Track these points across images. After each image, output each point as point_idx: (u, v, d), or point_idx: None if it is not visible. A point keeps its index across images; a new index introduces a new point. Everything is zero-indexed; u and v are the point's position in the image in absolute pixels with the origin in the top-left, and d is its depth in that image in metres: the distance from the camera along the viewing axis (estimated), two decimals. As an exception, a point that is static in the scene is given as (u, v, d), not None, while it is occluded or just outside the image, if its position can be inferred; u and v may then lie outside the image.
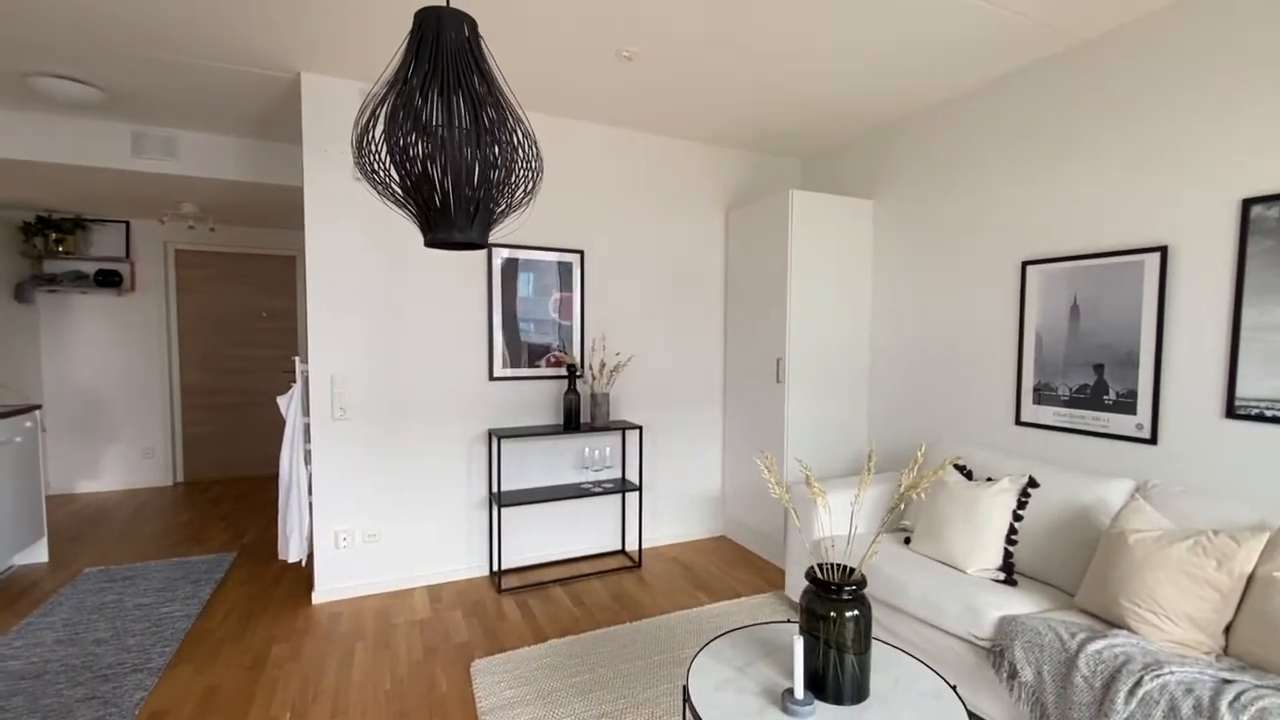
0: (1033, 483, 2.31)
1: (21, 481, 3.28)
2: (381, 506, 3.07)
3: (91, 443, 5.06)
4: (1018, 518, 2.28)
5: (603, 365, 3.41)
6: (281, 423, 5.69)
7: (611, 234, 3.55)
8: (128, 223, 5.04)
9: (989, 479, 2.46)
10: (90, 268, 4.91)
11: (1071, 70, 2.54)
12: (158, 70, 2.79)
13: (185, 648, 2.51)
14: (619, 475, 3.63)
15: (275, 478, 5.51)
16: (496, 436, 3.11)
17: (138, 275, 5.10)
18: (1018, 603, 2.03)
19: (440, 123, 1.09)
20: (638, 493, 3.52)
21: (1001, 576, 2.20)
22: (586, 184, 3.46)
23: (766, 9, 2.26)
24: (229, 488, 5.23)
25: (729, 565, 3.49)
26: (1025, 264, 2.72)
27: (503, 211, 1.24)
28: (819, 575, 1.47)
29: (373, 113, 1.15)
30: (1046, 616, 1.88)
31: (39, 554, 3.46)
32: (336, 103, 2.87)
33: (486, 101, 1.14)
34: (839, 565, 1.52)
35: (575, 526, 3.55)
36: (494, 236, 3.23)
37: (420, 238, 3.06)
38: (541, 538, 3.46)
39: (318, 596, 2.95)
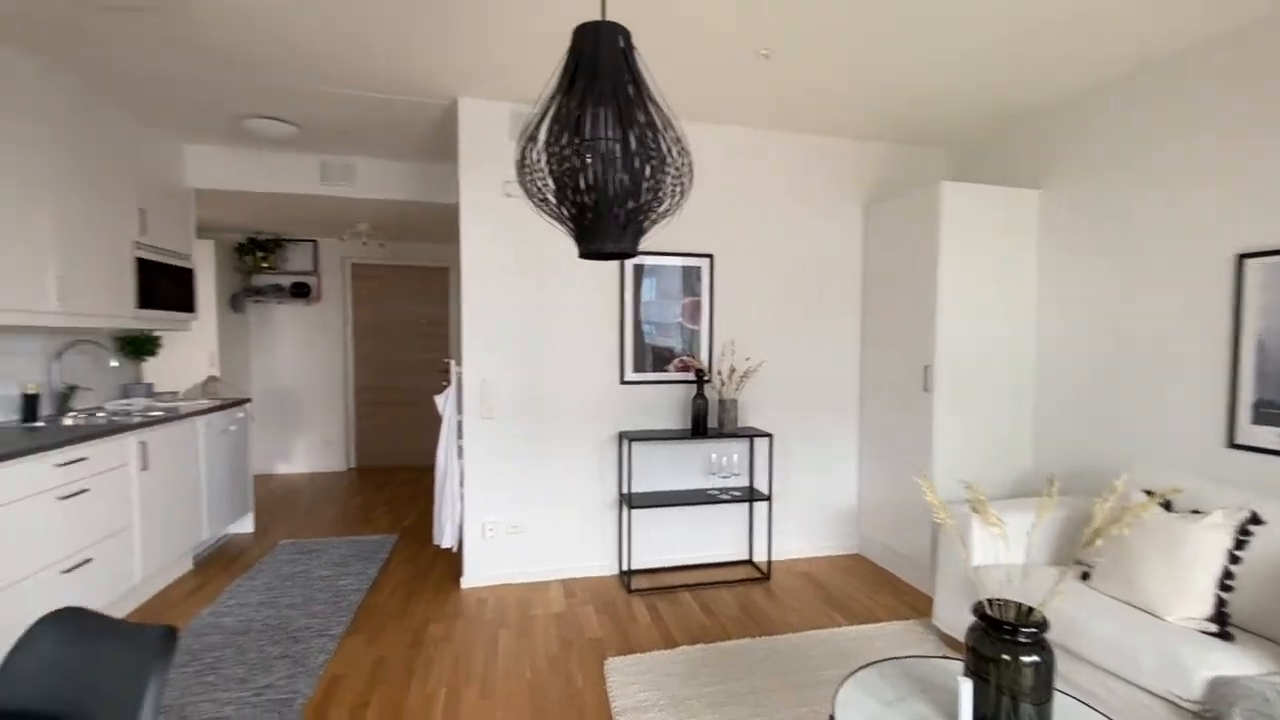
0: (1255, 519, 1.93)
1: (236, 463, 3.88)
2: (524, 501, 3.25)
3: (286, 431, 5.88)
4: (1235, 559, 1.91)
5: (732, 371, 3.36)
6: (438, 419, 6.26)
7: (742, 237, 3.49)
8: (315, 241, 5.82)
9: (1194, 511, 2.08)
10: (286, 281, 5.72)
11: (1316, 20, 2.09)
12: (340, 105, 3.18)
13: (358, 619, 2.82)
14: (747, 483, 3.55)
15: (432, 469, 6.07)
16: (627, 439, 3.17)
17: (323, 287, 5.86)
18: (1235, 661, 1.70)
19: (598, 136, 1.12)
20: (767, 503, 3.42)
21: (1213, 628, 1.86)
22: (716, 187, 3.43)
23: (920, -10, 2.10)
24: (392, 475, 5.84)
25: (866, 586, 3.28)
26: (1242, 257, 2.28)
27: (653, 220, 1.26)
28: (990, 612, 1.32)
29: (534, 130, 1.21)
30: (1275, 682, 1.55)
31: (247, 525, 4.08)
32: (490, 124, 3.09)
33: (640, 112, 1.16)
34: (1013, 602, 1.36)
35: (702, 532, 3.52)
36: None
37: (561, 247, 3.20)
38: (668, 541, 3.47)
39: (466, 582, 3.19)
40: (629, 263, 3.31)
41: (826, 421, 3.68)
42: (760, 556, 3.59)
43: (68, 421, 2.94)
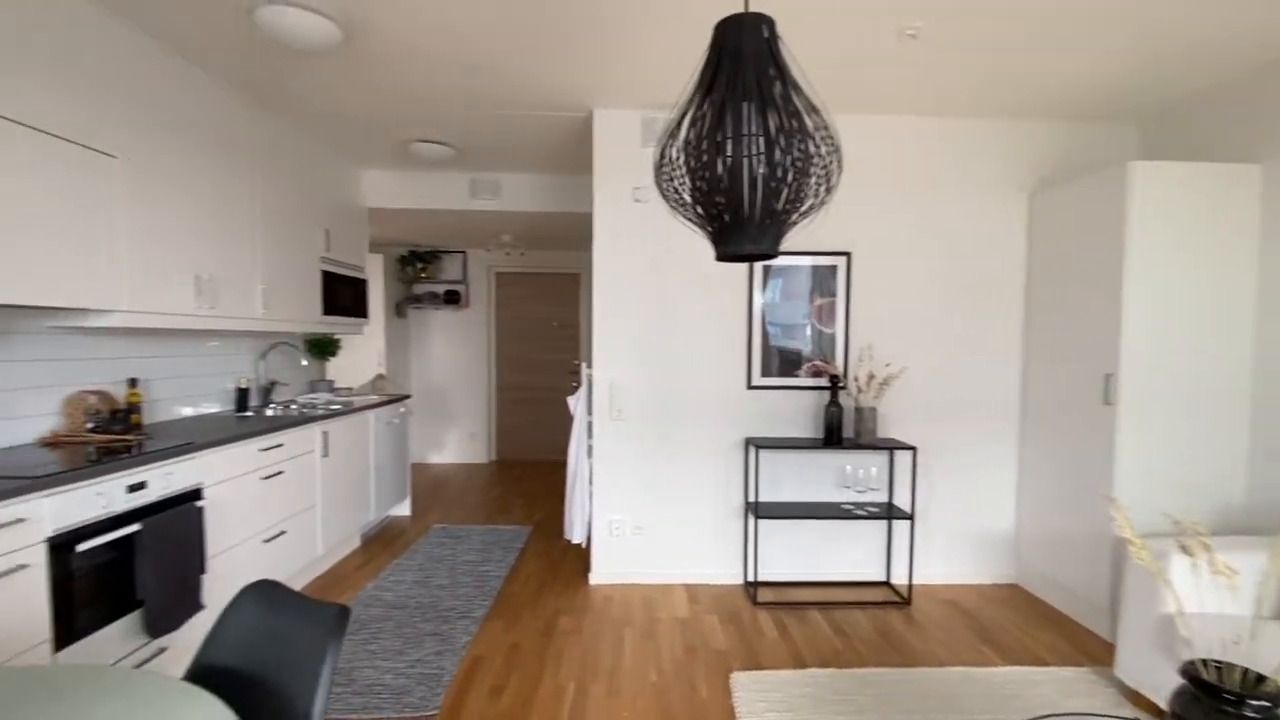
0: None
1: (397, 453, 4.33)
2: (649, 503, 3.29)
3: (438, 424, 6.47)
4: None
5: (870, 377, 3.14)
6: (569, 418, 6.56)
7: (883, 233, 3.26)
8: (465, 252, 6.34)
9: None
10: (441, 289, 6.29)
11: None
12: (489, 126, 3.42)
13: (497, 604, 3.02)
14: (885, 499, 3.30)
15: (564, 465, 6.37)
16: (754, 446, 3.09)
17: (470, 294, 6.38)
18: None
19: (739, 133, 1.09)
20: (909, 522, 3.16)
21: None
22: (855, 180, 3.22)
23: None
24: (528, 469, 6.20)
25: (1025, 622, 2.91)
26: None
27: (797, 219, 1.19)
28: (1206, 676, 1.09)
29: (672, 130, 1.19)
30: None
31: (404, 509, 4.54)
32: (621, 132, 3.17)
33: (785, 106, 1.10)
34: (1237, 666, 1.11)
35: (833, 548, 3.33)
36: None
37: (689, 251, 3.20)
38: (797, 555, 3.33)
39: (594, 578, 3.29)
40: (759, 264, 3.23)
41: (979, 435, 3.32)
42: (899, 579, 3.32)
43: (269, 412, 3.45)
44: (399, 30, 2.39)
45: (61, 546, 1.77)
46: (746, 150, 1.10)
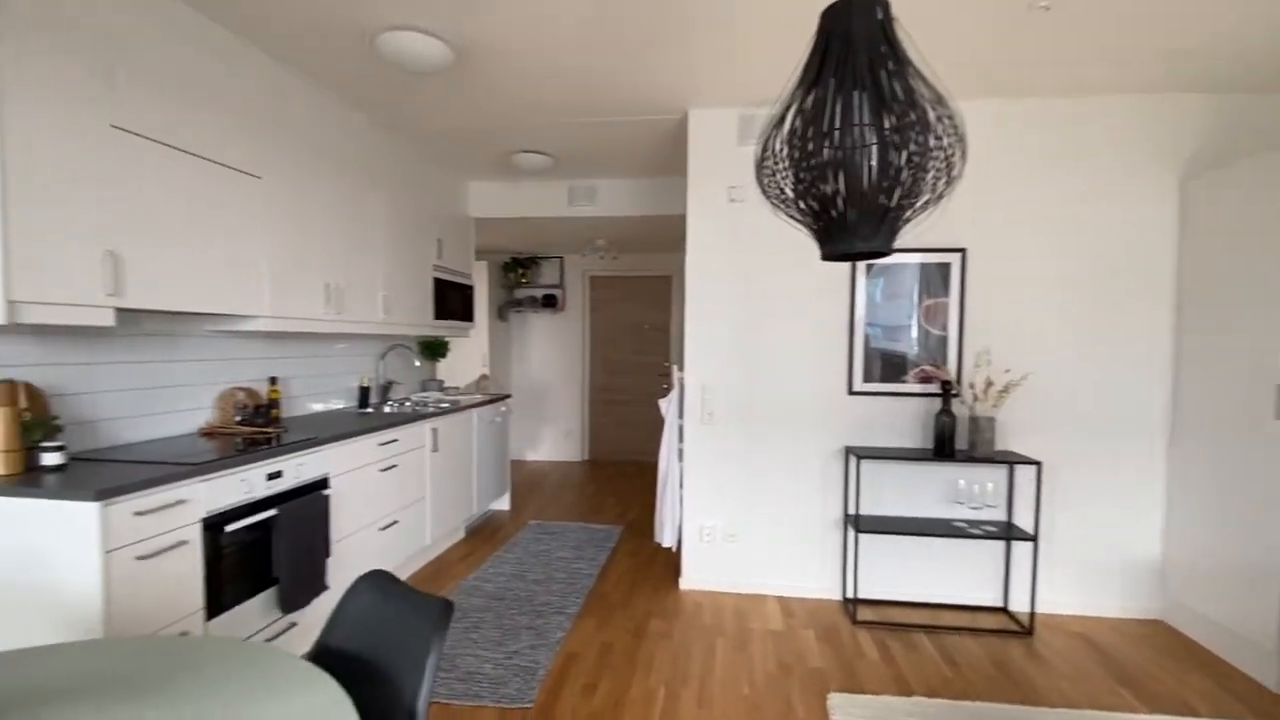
0: None
1: (498, 450, 4.54)
2: (741, 509, 3.22)
3: (535, 422, 6.72)
4: None
5: (988, 384, 2.89)
6: (660, 420, 6.59)
7: (1004, 226, 2.99)
8: (561, 258, 6.55)
9: None
10: (539, 293, 6.53)
11: None
12: (587, 134, 3.51)
13: (589, 602, 3.07)
14: (1004, 518, 3.03)
15: (654, 465, 6.41)
16: (855, 455, 2.93)
17: (566, 298, 6.57)
18: None
19: (849, 123, 1.02)
20: (1031, 544, 2.87)
21: None
22: (972, 170, 2.99)
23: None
24: (620, 469, 6.29)
25: (1172, 663, 2.55)
26: None
27: (913, 214, 1.10)
28: None
29: (775, 124, 1.14)
30: None
31: (504, 504, 4.74)
32: (717, 131, 3.13)
33: (899, 93, 1.02)
34: None
35: (942, 569, 3.10)
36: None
37: (785, 251, 3.10)
38: (900, 573, 3.13)
39: (684, 583, 3.27)
40: (861, 263, 3.07)
41: (1117, 450, 2.96)
42: (1019, 606, 3.03)
43: (387, 409, 3.72)
44: (503, 48, 2.50)
45: (213, 526, 2.00)
46: (857, 141, 1.03)
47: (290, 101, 2.72)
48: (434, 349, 4.60)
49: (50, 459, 1.88)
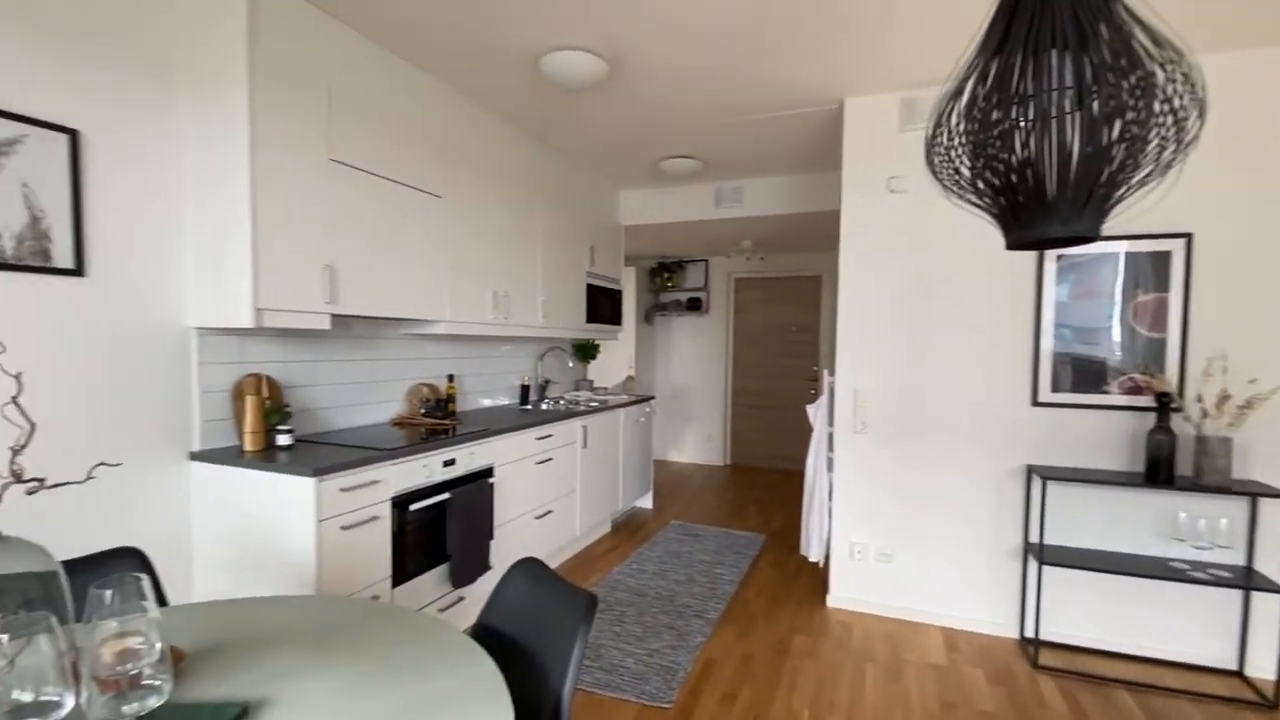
0: None
1: (642, 449, 4.66)
2: (897, 527, 2.98)
3: (678, 424, 6.80)
4: None
5: (1223, 397, 2.38)
6: (805, 428, 6.34)
7: (1242, 206, 2.45)
8: (707, 261, 6.56)
9: None
10: (684, 297, 6.61)
11: None
12: (734, 134, 3.47)
13: (730, 609, 3.03)
14: (1241, 562, 2.47)
15: (799, 474, 6.18)
16: (1040, 476, 2.57)
17: (711, 300, 6.57)
18: None
19: (1045, 89, 0.87)
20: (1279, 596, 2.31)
21: None
22: (1201, 139, 2.48)
23: None
24: (762, 475, 6.15)
25: None
26: None
27: (1131, 189, 0.92)
28: None
29: (952, 97, 1.01)
30: None
31: (647, 502, 4.85)
32: (876, 119, 2.94)
33: (1113, 48, 0.85)
34: None
35: (1152, 616, 2.61)
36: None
37: (954, 243, 2.82)
38: (1096, 615, 2.68)
39: (831, 601, 3.10)
40: (1051, 254, 2.69)
41: None
42: (1260, 673, 2.45)
43: (544, 406, 3.99)
44: (655, 57, 2.56)
45: (399, 505, 2.29)
46: (1057, 107, 0.87)
47: (464, 126, 3.03)
48: (585, 351, 4.85)
49: (283, 439, 2.27)
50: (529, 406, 3.93)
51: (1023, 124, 0.89)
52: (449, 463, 2.54)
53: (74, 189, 1.85)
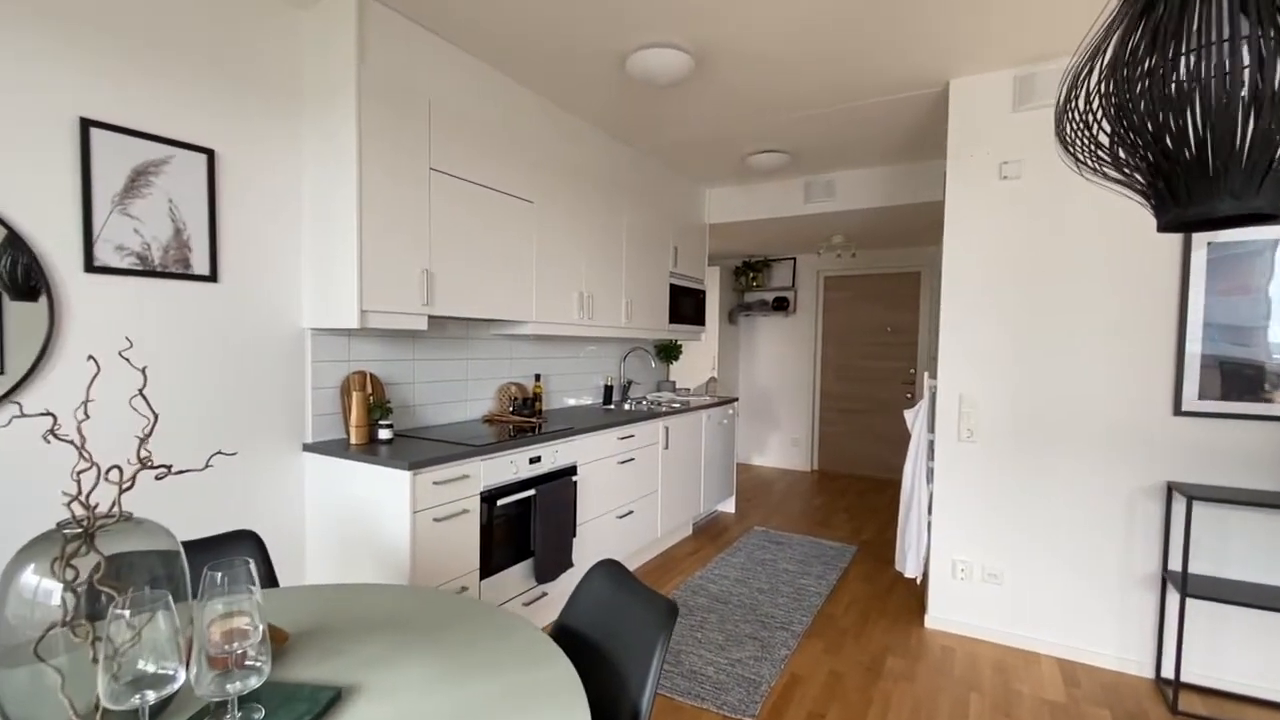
0: None
1: (725, 452, 4.57)
2: (1006, 546, 2.73)
3: (762, 427, 6.63)
4: None
5: None
6: (903, 435, 5.98)
7: None
8: (794, 259, 6.35)
9: None
10: (770, 296, 6.43)
11: None
12: (824, 125, 3.32)
13: (817, 623, 2.89)
14: None
15: (892, 483, 5.84)
16: (1185, 495, 2.26)
17: (798, 300, 6.35)
18: None
19: (1212, 40, 0.73)
20: None
21: None
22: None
23: None
24: (851, 483, 5.86)
25: None
26: None
27: None
28: None
29: (1089, 59, 0.87)
30: None
31: (729, 506, 4.75)
32: (985, 99, 2.70)
33: None
34: None
35: (1336, 668, 2.21)
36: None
37: (1076, 231, 2.54)
38: (1251, 657, 2.32)
39: (930, 622, 2.88)
40: (1200, 241, 2.36)
41: None
42: None
43: (627, 406, 4.01)
44: (740, 45, 2.49)
45: (488, 499, 2.35)
46: (1221, 62, 0.73)
47: (553, 132, 3.08)
48: (668, 351, 4.82)
49: (384, 434, 2.40)
50: (612, 406, 3.95)
51: (1187, 78, 0.76)
52: (535, 460, 2.59)
53: (210, 203, 2.05)
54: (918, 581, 3.29)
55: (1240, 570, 2.33)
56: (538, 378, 3.41)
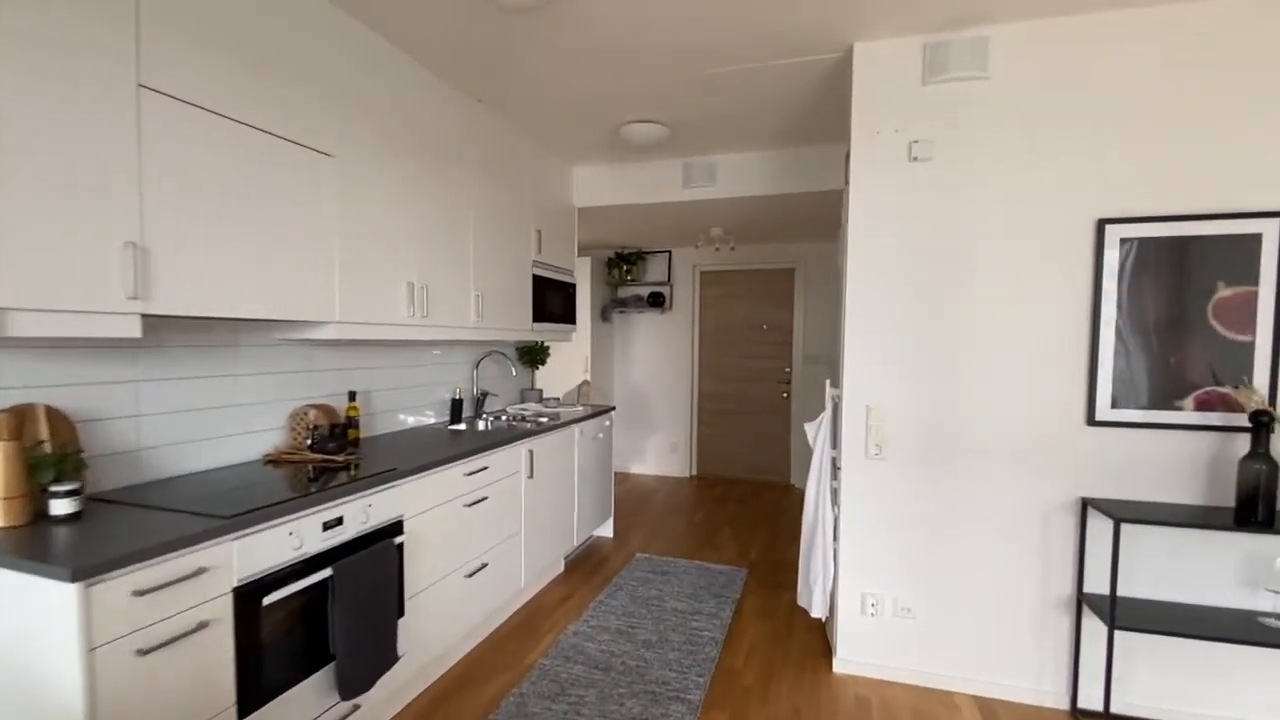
0: None
1: (602, 469, 3.98)
2: (919, 575, 2.42)
3: (640, 432, 6.15)
4: None
5: (1333, 420, 1.90)
6: (777, 435, 5.78)
7: (1354, 183, 1.97)
8: (670, 252, 5.92)
9: None
10: (645, 291, 5.95)
11: None
12: (706, 92, 2.83)
13: (716, 685, 2.40)
14: (1346, 617, 2.01)
15: (770, 485, 5.62)
16: (1101, 512, 2.05)
17: (674, 296, 5.94)
18: None
19: None
20: None
21: None
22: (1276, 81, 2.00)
23: None
24: (730, 489, 5.57)
25: None
26: None
27: None
28: None
29: None
30: None
31: (607, 530, 4.18)
32: (891, 70, 2.34)
33: None
34: None
35: (1241, 683, 2.12)
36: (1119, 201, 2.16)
37: (995, 220, 2.26)
38: (1169, 680, 2.19)
39: (839, 665, 2.51)
40: (1113, 237, 2.16)
41: None
42: (1376, 754, 2.00)
43: (481, 425, 3.27)
44: (614, -37, 1.89)
45: (249, 596, 1.54)
46: None
47: (369, 65, 2.28)
48: (533, 355, 4.13)
49: (61, 506, 1.49)
50: (462, 426, 3.20)
51: None
52: (332, 524, 1.80)
53: None
54: (824, 620, 2.95)
55: (1147, 588, 2.18)
56: (353, 396, 2.57)
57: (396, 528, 2.06)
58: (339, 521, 1.82)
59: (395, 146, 2.43)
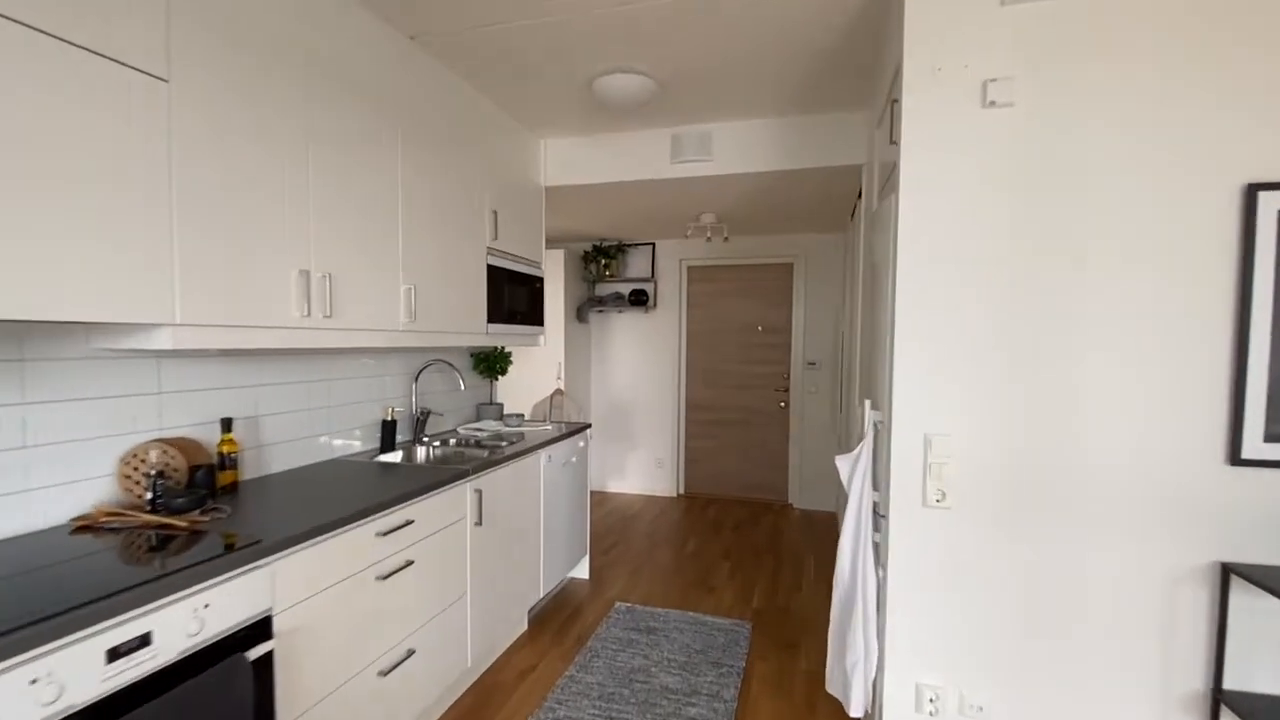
0: None
1: (575, 500, 3.33)
2: (995, 662, 1.81)
3: (621, 446, 5.51)
4: None
5: None
6: (772, 447, 5.17)
7: None
8: (654, 244, 5.29)
9: None
10: (625, 288, 5.31)
11: None
12: (698, 33, 2.20)
13: (727, 820, 1.77)
14: None
15: (768, 506, 5.01)
16: (1247, 580, 1.46)
17: (659, 293, 5.31)
18: None
19: None
20: None
21: None
22: None
23: None
24: (725, 510, 4.95)
25: None
26: None
27: None
28: None
29: None
30: None
31: (582, 570, 3.53)
32: (955, -12, 1.73)
33: None
34: None
35: None
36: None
37: (1123, 185, 1.66)
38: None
39: (887, 780, 1.89)
40: (1267, 204, 1.57)
41: None
42: None
43: (422, 451, 2.62)
44: None
45: (-79, 817, 0.87)
46: None
47: (229, -40, 1.60)
48: (490, 363, 3.46)
49: None
50: (396, 455, 2.53)
51: None
52: (134, 646, 1.13)
53: None
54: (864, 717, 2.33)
55: (1312, 683, 1.60)
56: (227, 425, 1.88)
57: (258, 631, 1.39)
58: (143, 643, 1.15)
59: (279, 77, 1.75)
